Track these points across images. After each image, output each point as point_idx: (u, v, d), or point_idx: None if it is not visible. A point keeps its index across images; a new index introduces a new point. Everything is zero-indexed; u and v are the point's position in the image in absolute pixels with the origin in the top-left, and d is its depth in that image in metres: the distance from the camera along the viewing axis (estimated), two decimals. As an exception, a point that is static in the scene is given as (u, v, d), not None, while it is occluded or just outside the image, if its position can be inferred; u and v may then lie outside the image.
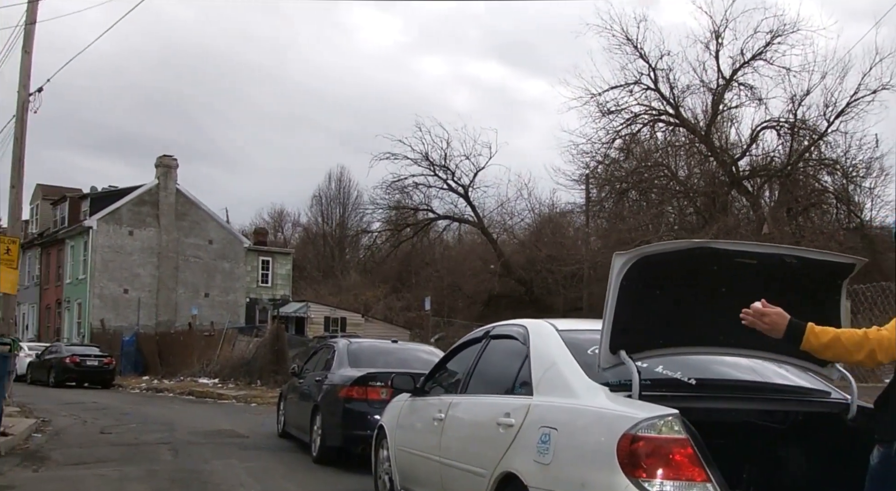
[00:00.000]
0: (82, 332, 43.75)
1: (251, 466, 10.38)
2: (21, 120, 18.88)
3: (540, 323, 5.41)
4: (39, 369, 30.86)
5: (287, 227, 76.41)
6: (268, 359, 27.45)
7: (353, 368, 10.63)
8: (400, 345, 12.36)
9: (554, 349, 4.93)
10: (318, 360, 12.52)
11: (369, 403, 9.88)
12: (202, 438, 13.35)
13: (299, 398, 12.25)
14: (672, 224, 37.75)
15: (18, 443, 11.86)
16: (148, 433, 13.95)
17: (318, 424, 10.70)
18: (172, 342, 35.38)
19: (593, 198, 40.37)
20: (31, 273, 51.00)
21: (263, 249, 54.93)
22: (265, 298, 51.84)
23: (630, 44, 34.36)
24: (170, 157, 46.74)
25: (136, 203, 45.43)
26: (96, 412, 18.30)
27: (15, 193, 18.84)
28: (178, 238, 46.05)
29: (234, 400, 22.87)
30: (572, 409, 4.36)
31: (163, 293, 45.24)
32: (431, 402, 6.42)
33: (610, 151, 37.68)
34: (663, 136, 37.43)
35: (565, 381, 4.60)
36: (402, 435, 6.93)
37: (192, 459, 10.93)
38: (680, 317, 4.47)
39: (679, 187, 36.32)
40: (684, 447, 3.74)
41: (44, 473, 9.58)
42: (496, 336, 5.92)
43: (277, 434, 13.77)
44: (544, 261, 41.49)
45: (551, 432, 4.33)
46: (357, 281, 59.29)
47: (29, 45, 18.95)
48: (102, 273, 44.00)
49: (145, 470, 9.86)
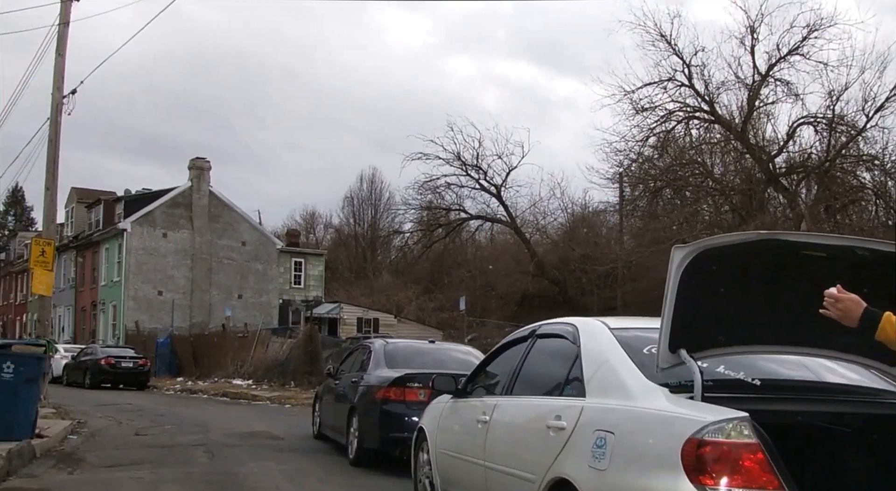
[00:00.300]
0: (117, 334, 44.00)
1: (287, 468, 10.22)
2: (55, 122, 18.94)
3: (590, 321, 5.17)
4: (75, 371, 31.03)
5: (319, 229, 76.60)
6: (301, 360, 27.36)
7: (390, 368, 10.43)
8: (437, 345, 12.15)
9: (607, 348, 4.69)
10: (353, 360, 12.33)
11: (407, 404, 9.68)
12: (237, 439, 13.22)
13: (335, 400, 12.07)
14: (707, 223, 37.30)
15: (54, 445, 11.79)
16: (183, 435, 13.85)
17: (354, 426, 10.51)
18: (206, 344, 35.43)
19: (627, 197, 39.98)
20: (66, 276, 51.40)
21: (296, 251, 55.01)
22: (298, 300, 51.90)
23: (664, 40, 33.98)
24: (202, 160, 46.91)
25: (169, 205, 45.62)
26: (131, 414, 18.27)
27: (49, 195, 18.90)
28: (212, 240, 46.20)
29: (268, 401, 22.79)
30: (630, 411, 4.12)
31: (196, 295, 45.39)
32: (474, 403, 6.20)
33: (644, 149, 37.30)
34: (698, 133, 36.99)
35: (621, 381, 4.36)
36: (443, 437, 6.71)
37: (227, 461, 10.79)
38: (742, 313, 4.22)
39: (714, 185, 35.81)
40: (755, 453, 3.49)
41: (79, 476, 9.47)
42: (543, 335, 5.68)
43: (313, 436, 13.61)
44: (578, 260, 41.16)
45: (607, 436, 4.09)
46: (389, 282, 59.22)
47: (62, 48, 19.01)
48: (137, 275, 44.22)
49: (181, 472, 9.73)
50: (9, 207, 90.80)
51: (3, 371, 10.96)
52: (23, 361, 11.15)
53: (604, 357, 4.64)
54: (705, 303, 4.14)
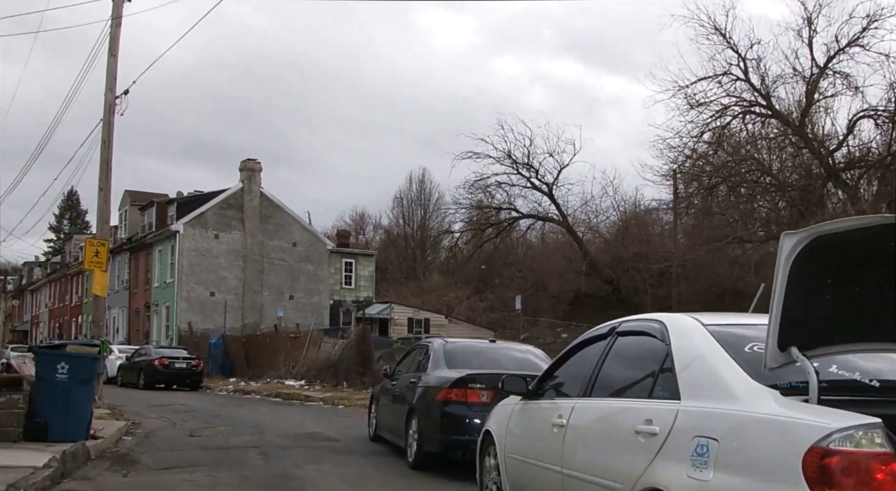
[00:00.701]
0: (170, 334, 44.26)
1: (344, 471, 9.93)
2: (108, 123, 18.95)
3: (680, 317, 4.77)
4: (129, 372, 31.18)
5: (368, 230, 76.69)
6: (354, 360, 27.14)
7: (451, 368, 10.08)
8: (498, 344, 11.74)
9: (703, 346, 4.27)
10: (411, 361, 12.00)
11: (469, 406, 9.32)
12: (292, 441, 12.97)
13: (392, 401, 11.75)
14: (764, 220, 36.52)
15: (108, 446, 11.63)
16: (237, 436, 13.65)
17: (413, 428, 10.17)
18: (258, 344, 35.40)
19: (681, 194, 39.29)
20: (120, 277, 51.91)
21: (346, 251, 54.99)
22: (349, 300, 51.87)
23: (718, 33, 33.39)
24: (253, 161, 47.01)
25: (221, 207, 45.79)
26: (185, 414, 18.16)
27: (103, 196, 18.89)
28: (263, 241, 46.29)
29: (321, 402, 22.60)
30: (737, 416, 3.70)
31: (248, 296, 45.50)
32: (549, 406, 5.81)
33: (698, 145, 36.61)
34: (753, 128, 36.20)
35: (723, 383, 3.95)
36: (513, 442, 6.34)
37: (283, 463, 10.53)
38: (858, 307, 3.80)
39: (771, 181, 34.99)
40: (887, 464, 3.08)
41: (133, 478, 9.27)
42: (624, 333, 5.29)
43: (369, 437, 13.31)
44: (631, 259, 40.56)
45: (710, 443, 3.69)
46: (439, 282, 59.04)
47: (115, 48, 19.03)
48: (189, 276, 44.45)
49: (236, 475, 9.48)
50: (64, 211, 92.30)
51: (58, 371, 10.83)
52: (77, 362, 11.02)
53: (700, 356, 4.23)
54: (818, 295, 3.74)
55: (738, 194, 37.35)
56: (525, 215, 46.11)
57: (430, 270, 66.51)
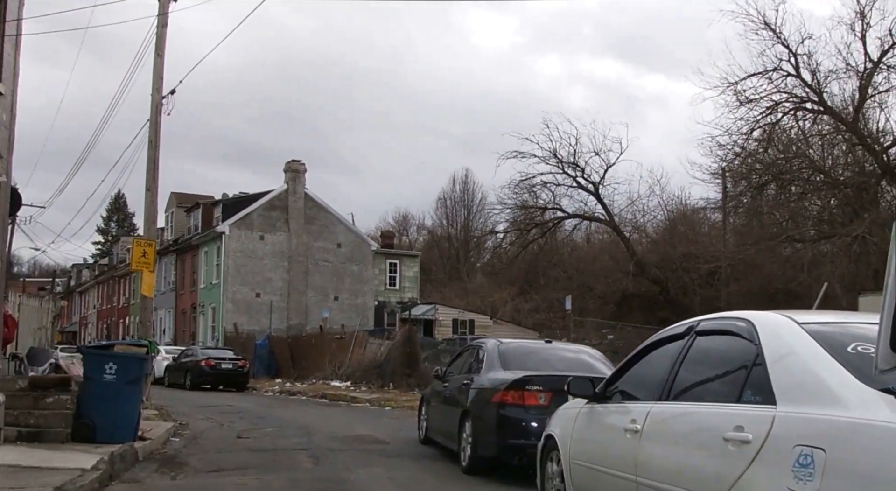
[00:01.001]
0: (216, 335, 44.43)
1: (397, 475, 9.65)
2: (154, 123, 18.95)
3: (771, 315, 4.40)
4: (176, 372, 31.27)
5: (412, 231, 76.67)
6: (400, 362, 26.91)
7: (506, 370, 9.75)
8: (554, 345, 11.37)
9: (799, 346, 3.92)
10: (463, 362, 11.69)
11: (526, 408, 8.98)
12: (341, 443, 12.74)
13: (444, 403, 11.45)
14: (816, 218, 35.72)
15: (156, 447, 11.50)
16: (285, 438, 13.45)
17: (467, 432, 9.86)
18: (304, 345, 35.35)
19: (730, 193, 38.59)
20: (166, 279, 52.28)
21: (391, 252, 54.89)
22: (393, 301, 51.74)
23: (768, 28, 32.67)
24: (298, 162, 47.03)
25: (266, 208, 45.87)
26: (232, 415, 18.04)
27: (150, 196, 18.87)
28: (308, 242, 46.30)
29: (367, 403, 22.39)
30: (847, 423, 3.34)
31: (293, 297, 45.53)
32: (620, 409, 5.49)
33: (748, 143, 35.89)
34: (805, 124, 35.38)
35: (825, 386, 3.59)
36: (579, 447, 6.01)
37: (333, 466, 10.29)
38: None
39: (824, 179, 34.16)
40: None
41: (182, 481, 9.09)
42: (705, 332, 4.94)
43: (419, 440, 13.03)
44: (679, 259, 39.92)
45: (815, 453, 3.34)
46: (483, 283, 58.74)
47: (161, 49, 19.01)
48: (235, 278, 44.57)
49: (286, 479, 9.25)
50: (111, 214, 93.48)
51: (106, 372, 10.71)
52: (125, 362, 10.90)
53: (796, 357, 3.88)
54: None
55: (788, 193, 36.56)
56: (571, 215, 45.61)
57: (473, 270, 66.24)
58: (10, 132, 14.44)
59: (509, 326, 46.21)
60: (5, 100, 14.03)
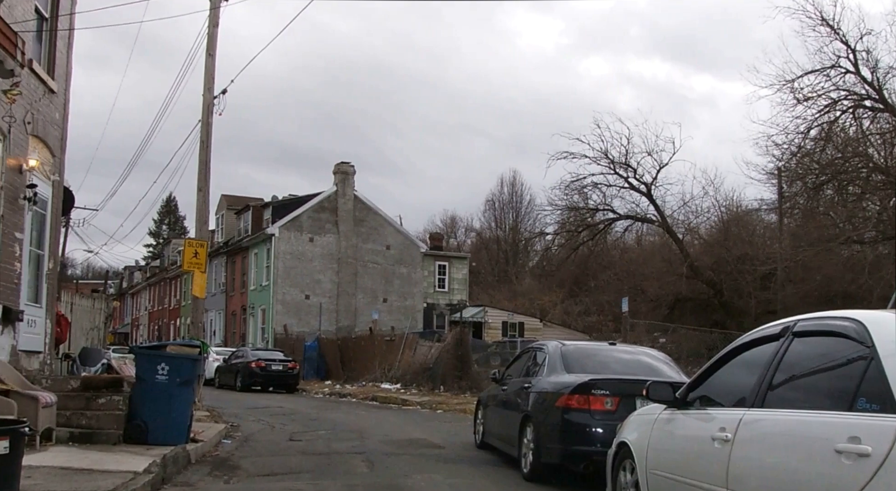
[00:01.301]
0: (266, 337, 44.52)
1: (456, 482, 9.30)
2: (206, 123, 18.91)
3: (884, 314, 3.98)
4: (226, 374, 31.29)
5: (460, 233, 76.45)
6: (451, 364, 26.60)
7: (569, 373, 9.35)
8: (619, 347, 10.91)
9: (924, 348, 3.51)
10: (522, 364, 11.30)
11: (591, 413, 8.57)
12: (395, 447, 12.43)
13: (503, 407, 11.07)
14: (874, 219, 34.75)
15: (208, 450, 11.30)
16: (338, 441, 13.18)
17: (528, 437, 9.47)
18: (354, 347, 35.19)
19: (785, 193, 37.72)
20: (217, 281, 52.55)
21: (440, 254, 54.64)
22: (442, 303, 51.50)
23: (825, 24, 31.81)
24: (347, 164, 46.94)
25: (315, 210, 45.86)
26: (283, 417, 17.85)
27: (202, 197, 18.81)
28: (357, 244, 46.20)
29: (418, 406, 22.09)
30: None
31: (342, 298, 45.45)
32: (705, 416, 5.09)
33: (805, 142, 34.99)
34: (863, 123, 34.42)
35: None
36: (658, 457, 5.62)
37: (389, 472, 9.96)
38: None
39: (884, 178, 33.19)
40: None
41: (235, 486, 8.83)
42: (804, 333, 4.53)
43: (475, 445, 12.68)
44: (734, 261, 39.07)
45: (955, 470, 2.95)
46: (532, 285, 58.31)
47: (212, 48, 18.94)
48: (284, 279, 44.61)
49: (342, 484, 8.95)
50: (163, 217, 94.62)
51: (158, 373, 10.54)
52: (178, 363, 10.71)
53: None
54: None
55: (846, 193, 35.61)
56: (622, 216, 44.88)
57: (522, 273, 65.81)
58: (62, 131, 14.39)
59: (559, 329, 45.71)
60: (58, 98, 13.97)
